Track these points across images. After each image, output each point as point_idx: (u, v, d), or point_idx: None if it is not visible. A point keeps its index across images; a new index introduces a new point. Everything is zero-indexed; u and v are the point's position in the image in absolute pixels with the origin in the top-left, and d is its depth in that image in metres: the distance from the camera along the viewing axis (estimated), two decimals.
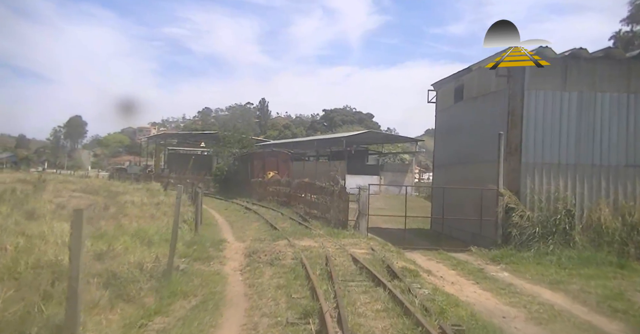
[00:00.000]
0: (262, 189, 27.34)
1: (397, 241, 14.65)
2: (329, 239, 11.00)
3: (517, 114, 13.66)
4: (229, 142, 34.63)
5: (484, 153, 15.23)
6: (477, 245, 13.47)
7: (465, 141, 16.76)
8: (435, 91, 20.00)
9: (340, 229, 13.26)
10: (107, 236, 9.97)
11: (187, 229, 12.04)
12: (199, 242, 10.20)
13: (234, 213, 19.55)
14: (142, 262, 7.67)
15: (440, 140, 20.02)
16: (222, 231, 13.89)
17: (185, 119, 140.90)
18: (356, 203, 14.09)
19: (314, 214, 17.20)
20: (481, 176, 15.26)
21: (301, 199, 20.37)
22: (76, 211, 4.31)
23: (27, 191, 24.20)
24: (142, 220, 16.03)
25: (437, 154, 20.38)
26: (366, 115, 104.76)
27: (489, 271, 10.33)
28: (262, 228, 14.32)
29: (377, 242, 11.43)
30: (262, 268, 8.21)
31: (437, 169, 20.29)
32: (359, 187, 13.65)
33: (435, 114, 20.26)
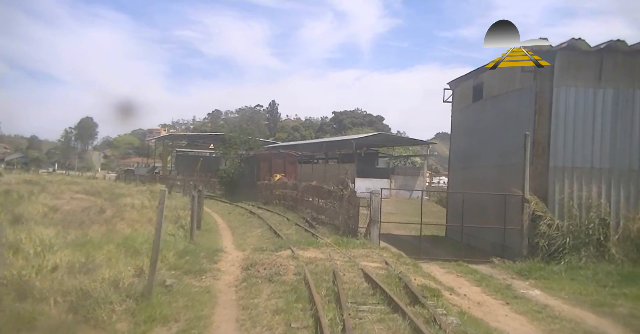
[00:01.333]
0: (268, 192, 26.30)
1: (412, 251, 13.49)
2: (337, 250, 9.88)
3: (544, 113, 12.46)
4: (235, 143, 33.67)
5: (506, 156, 14.04)
6: (500, 256, 12.28)
7: (485, 143, 15.57)
8: (451, 89, 18.82)
9: (349, 238, 12.14)
10: (91, 243, 8.97)
11: (181, 237, 11.00)
12: (193, 252, 9.16)
13: (237, 218, 18.53)
14: (119, 277, 6.63)
15: (456, 141, 18.81)
16: (221, 238, 12.84)
17: (195, 121, 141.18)
18: (367, 209, 12.95)
19: (321, 220, 16.09)
20: (503, 181, 14.06)
21: (308, 204, 19.28)
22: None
23: (26, 192, 23.50)
24: (138, 224, 15.09)
25: (454, 156, 19.17)
26: (376, 117, 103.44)
27: (517, 288, 9.14)
28: (264, 235, 13.24)
29: (391, 253, 10.29)
30: (260, 285, 7.12)
31: (454, 173, 19.07)
32: (370, 192, 12.52)
33: (451, 113, 19.09)
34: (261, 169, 30.47)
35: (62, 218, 14.21)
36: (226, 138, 36.31)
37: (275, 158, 31.35)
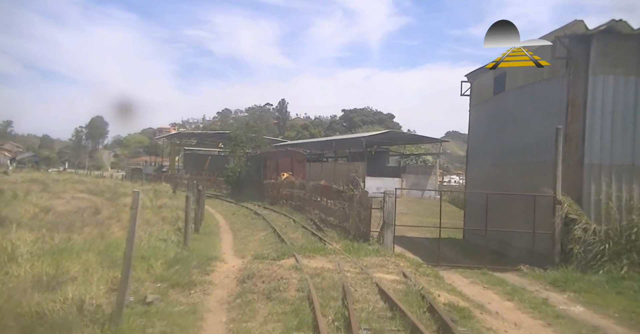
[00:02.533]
0: (275, 191, 25.22)
1: (430, 257, 12.31)
2: (348, 258, 8.74)
3: (578, 105, 11.18)
4: (241, 141, 32.61)
5: (533, 152, 12.78)
6: (527, 262, 11.05)
7: (509, 139, 14.30)
8: (469, 82, 17.56)
9: (360, 243, 10.99)
10: (69, 251, 7.93)
11: (175, 242, 9.94)
12: (185, 261, 8.09)
13: (240, 219, 17.47)
14: (89, 295, 5.56)
15: (475, 138, 17.54)
16: (220, 242, 11.77)
17: (205, 120, 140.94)
18: (379, 210, 11.79)
19: (330, 222, 14.96)
20: (529, 180, 12.82)
21: (316, 204, 18.16)
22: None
23: (24, 191, 22.71)
24: None
25: (472, 153, 17.90)
26: (387, 115, 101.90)
27: (555, 303, 7.92)
28: (268, 239, 12.15)
29: (408, 261, 9.12)
30: (256, 303, 6.01)
31: (472, 171, 17.79)
32: (383, 192, 11.36)
33: (469, 108, 17.82)
34: (268, 167, 29.41)
35: (52, 220, 13.28)
36: (232, 136, 35.34)
37: (283, 156, 30.24)
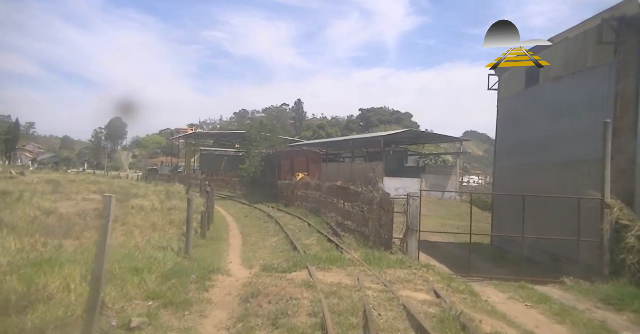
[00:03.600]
0: (290, 192, 24.21)
1: (459, 266, 11.14)
2: (368, 270, 7.64)
3: (629, 95, 9.88)
4: (254, 140, 31.67)
5: (573, 150, 11.48)
6: (569, 274, 9.77)
7: (544, 135, 12.99)
8: (497, 75, 16.25)
9: (381, 251, 9.87)
10: (54, 262, 7.03)
11: (175, 250, 8.98)
12: (183, 273, 7.11)
13: (252, 222, 16.49)
14: (60, 319, 4.61)
15: (504, 134, 16.21)
16: (227, 250, 10.78)
17: (222, 121, 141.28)
18: (402, 215, 10.66)
19: (347, 227, 13.86)
20: (568, 180, 11.54)
21: (332, 206, 17.07)
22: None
23: (32, 192, 22.23)
24: (138, 231, 13.23)
25: (501, 152, 16.57)
26: (404, 114, 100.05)
27: (617, 328, 6.69)
28: (279, 246, 11.12)
29: (437, 274, 7.97)
30: (259, 332, 4.96)
31: (501, 171, 16.46)
32: (406, 194, 10.23)
33: (497, 103, 16.52)
34: (282, 167, 28.40)
35: (51, 224, 12.52)
36: (246, 135, 34.47)
37: (298, 156, 29.16)
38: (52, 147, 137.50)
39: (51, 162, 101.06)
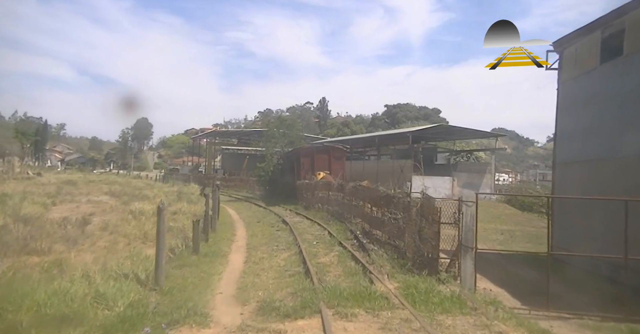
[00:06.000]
0: (310, 194, 21.70)
1: (525, 291, 8.44)
2: (412, 317, 5.03)
3: None
4: (273, 136, 29.29)
5: None
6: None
7: (629, 122, 10.09)
8: (557, 51, 13.32)
9: (425, 276, 7.26)
10: None
11: (142, 278, 6.58)
12: (134, 323, 4.69)
13: (263, 230, 14.08)
14: None
15: (568, 123, 13.24)
16: (223, 272, 8.24)
17: (247, 120, 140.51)
18: (451, 227, 8.04)
19: (376, 237, 11.27)
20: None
21: (358, 211, 14.50)
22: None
23: (30, 194, 20.68)
24: (122, 243, 11.02)
25: (563, 143, 13.60)
26: (432, 110, 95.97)
27: None
28: (289, 266, 8.55)
29: (515, 320, 5.27)
30: None
31: (564, 167, 13.48)
32: (458, 199, 7.59)
33: (557, 85, 13.58)
34: (302, 166, 25.91)
35: (20, 235, 10.43)
36: (263, 132, 32.20)
37: (319, 153, 26.52)
38: (81, 148, 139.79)
39: (78, 163, 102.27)
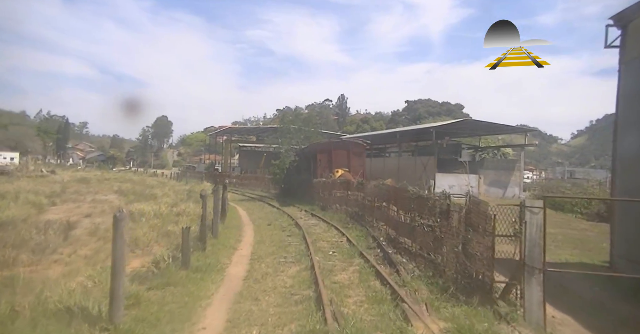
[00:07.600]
0: (327, 193, 19.89)
1: (606, 324, 6.44)
2: None
3: None
4: (288, 131, 27.51)
5: None
6: None
7: None
8: (618, 26, 11.15)
9: (477, 307, 5.37)
10: None
11: (96, 312, 4.88)
12: None
13: (273, 235, 12.31)
14: None
15: (633, 110, 11.07)
16: (213, 294, 6.47)
17: (265, 118, 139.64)
18: (507, 241, 6.15)
19: (404, 247, 9.39)
20: None
21: (381, 214, 12.64)
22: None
23: (29, 193, 19.54)
24: (108, 251, 9.45)
25: (629, 133, 11.44)
26: (455, 106, 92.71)
27: None
28: (297, 287, 6.71)
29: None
30: None
31: (631, 161, 11.29)
32: (520, 204, 5.69)
33: (620, 66, 11.39)
34: (319, 162, 24.07)
35: None
36: (279, 129, 30.50)
37: (337, 148, 24.55)
38: (102, 146, 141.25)
39: (98, 161, 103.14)
